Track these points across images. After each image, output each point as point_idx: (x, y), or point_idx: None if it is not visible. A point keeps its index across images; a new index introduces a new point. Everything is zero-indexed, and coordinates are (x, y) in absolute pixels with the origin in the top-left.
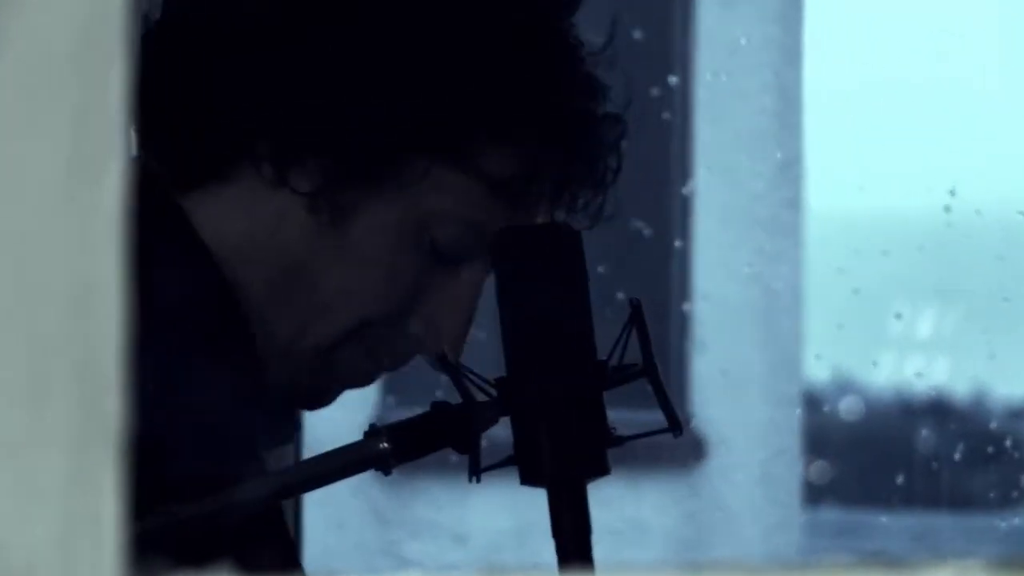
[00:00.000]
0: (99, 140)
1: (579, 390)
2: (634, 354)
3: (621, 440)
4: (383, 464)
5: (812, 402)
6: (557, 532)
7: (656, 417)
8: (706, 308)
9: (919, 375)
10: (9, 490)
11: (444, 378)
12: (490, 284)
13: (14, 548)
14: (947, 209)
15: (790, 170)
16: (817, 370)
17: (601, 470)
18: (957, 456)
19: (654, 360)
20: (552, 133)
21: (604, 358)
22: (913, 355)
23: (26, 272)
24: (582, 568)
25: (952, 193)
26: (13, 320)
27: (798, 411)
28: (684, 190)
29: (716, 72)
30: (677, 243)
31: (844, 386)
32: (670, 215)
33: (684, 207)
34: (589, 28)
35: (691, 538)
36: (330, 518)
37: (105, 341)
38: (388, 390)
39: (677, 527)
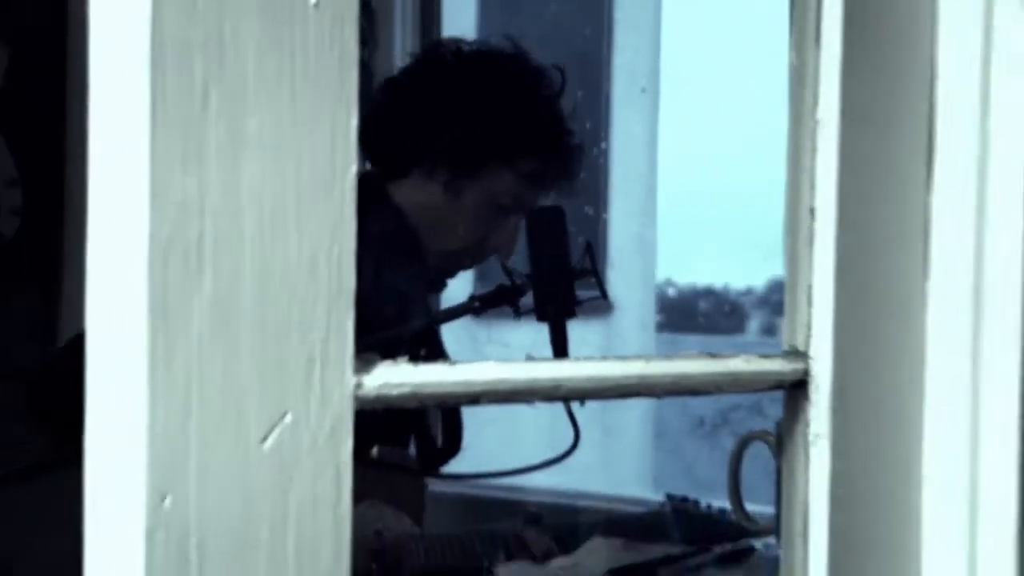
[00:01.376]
0: (343, 150)
1: (563, 279)
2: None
3: (580, 301)
4: (476, 312)
5: (659, 288)
6: (553, 344)
7: (595, 292)
8: (616, 243)
9: (706, 274)
10: (288, 349)
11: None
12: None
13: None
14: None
15: (650, 176)
16: (662, 271)
17: (572, 314)
18: (716, 310)
19: (596, 266)
20: (553, 157)
21: (574, 265)
22: (706, 264)
23: (305, 224)
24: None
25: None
26: (294, 253)
27: (652, 291)
28: (608, 186)
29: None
30: (604, 216)
31: (669, 282)
32: (598, 200)
33: (605, 198)
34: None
35: (606, 350)
36: (450, 336)
37: (343, 268)
38: (478, 277)
39: (599, 343)
